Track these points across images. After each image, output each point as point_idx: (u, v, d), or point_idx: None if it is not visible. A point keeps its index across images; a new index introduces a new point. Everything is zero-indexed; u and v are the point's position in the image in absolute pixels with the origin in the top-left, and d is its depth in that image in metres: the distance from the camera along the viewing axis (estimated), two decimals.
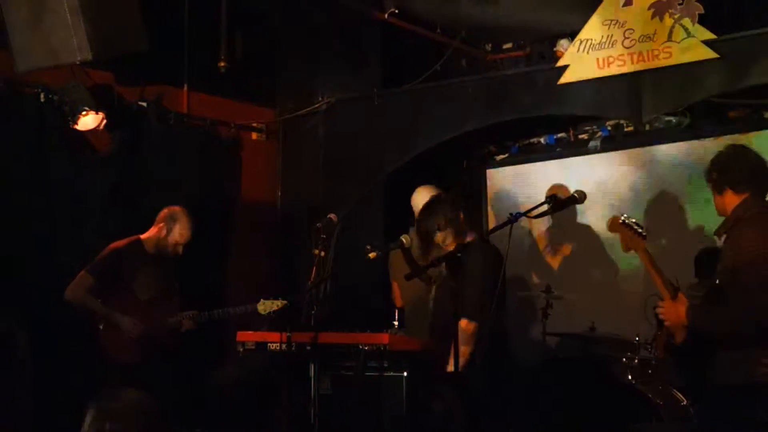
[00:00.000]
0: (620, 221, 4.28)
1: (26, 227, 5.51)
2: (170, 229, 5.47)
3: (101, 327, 5.33)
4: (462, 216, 4.84)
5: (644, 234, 4.64)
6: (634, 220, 4.46)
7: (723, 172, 4.13)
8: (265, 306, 5.33)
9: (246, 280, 6.60)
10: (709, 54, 5.36)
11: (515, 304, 6.24)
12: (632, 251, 4.26)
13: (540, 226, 7.14)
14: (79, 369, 5.39)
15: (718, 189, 4.17)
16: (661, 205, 6.75)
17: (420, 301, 5.23)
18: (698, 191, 6.60)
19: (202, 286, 6.09)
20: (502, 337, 4.79)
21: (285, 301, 5.33)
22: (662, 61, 5.50)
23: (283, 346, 4.69)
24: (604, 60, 5.70)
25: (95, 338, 5.34)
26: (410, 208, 6.01)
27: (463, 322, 4.43)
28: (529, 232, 7.21)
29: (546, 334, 6.08)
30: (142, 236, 5.51)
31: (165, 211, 5.53)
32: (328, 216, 5.22)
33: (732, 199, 4.15)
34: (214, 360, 5.26)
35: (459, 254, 4.21)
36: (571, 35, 6.01)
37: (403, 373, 4.85)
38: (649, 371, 5.42)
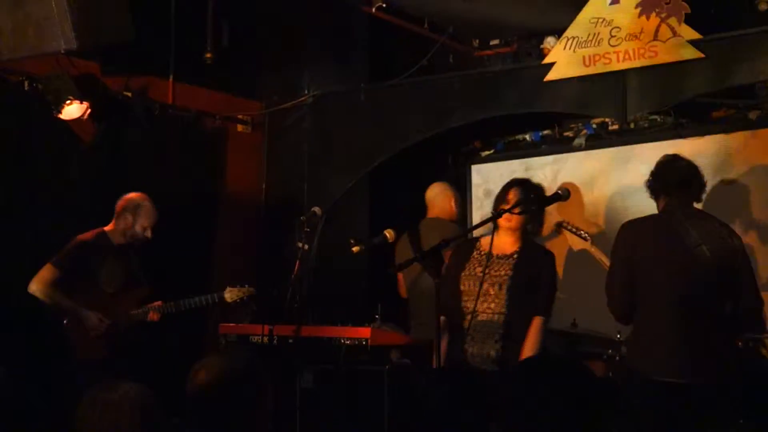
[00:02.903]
0: (561, 225, 4.58)
1: (9, 217, 5.48)
2: (136, 216, 5.42)
3: (65, 322, 5.25)
4: None
5: (587, 238, 4.86)
6: (574, 228, 4.74)
7: (655, 179, 4.43)
8: (231, 293, 5.32)
9: (230, 273, 6.57)
10: (695, 54, 5.38)
11: None
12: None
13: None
14: (65, 362, 5.35)
15: (654, 196, 4.48)
16: (645, 203, 6.77)
17: (427, 292, 5.09)
18: None
19: (185, 278, 6.07)
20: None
21: (251, 288, 5.32)
22: (648, 60, 5.51)
23: (266, 339, 4.68)
24: (590, 58, 5.71)
25: (60, 333, 5.25)
26: (397, 202, 6.03)
27: None
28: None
29: None
30: (106, 228, 5.44)
31: (124, 201, 5.45)
32: (313, 209, 5.22)
33: (661, 205, 4.45)
34: (194, 352, 5.24)
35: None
36: (558, 32, 6.02)
37: (384, 367, 4.86)
38: None
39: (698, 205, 4.52)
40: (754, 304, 4.29)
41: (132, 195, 5.47)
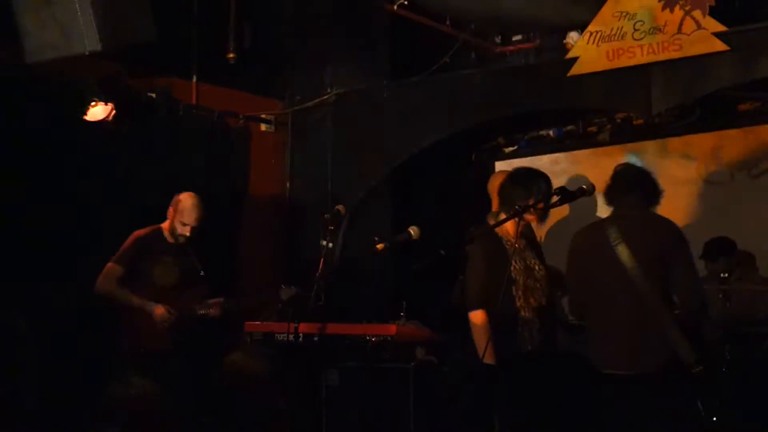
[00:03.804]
0: None
1: (35, 217, 5.52)
2: (176, 213, 5.49)
3: (130, 314, 5.34)
4: None
5: None
6: None
7: (607, 188, 4.61)
8: (285, 292, 5.35)
9: (254, 271, 6.61)
10: (720, 46, 5.33)
11: None
12: None
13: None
14: (87, 354, 5.39)
15: (608, 203, 4.68)
16: (670, 199, 6.73)
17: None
18: (707, 184, 6.60)
19: (210, 276, 6.08)
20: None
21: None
22: (672, 54, 5.47)
23: (291, 337, 4.69)
24: (613, 52, 5.67)
25: (121, 327, 5.35)
26: (421, 200, 6.00)
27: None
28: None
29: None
30: (163, 225, 5.55)
31: (174, 198, 5.57)
32: (336, 207, 5.23)
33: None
34: (223, 350, 5.26)
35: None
36: (581, 27, 5.99)
37: (410, 364, 4.86)
38: None
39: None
40: (691, 297, 4.50)
41: (181, 193, 5.55)
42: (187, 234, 5.49)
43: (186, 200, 5.52)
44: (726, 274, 5.96)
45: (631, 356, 4.38)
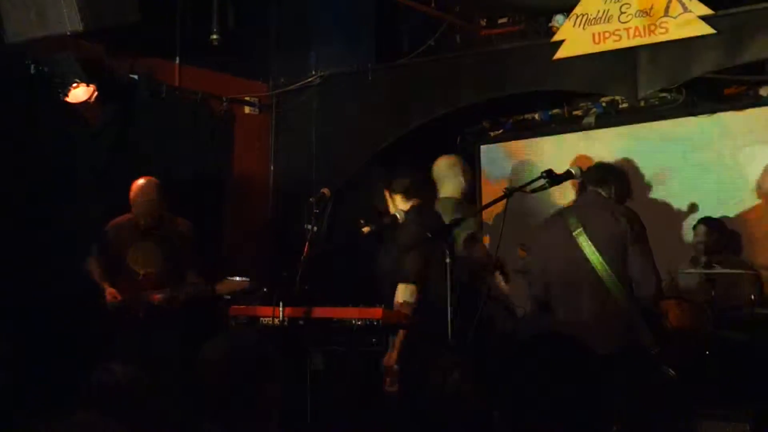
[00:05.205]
0: None
1: (17, 201, 5.47)
2: (131, 202, 5.48)
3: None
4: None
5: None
6: None
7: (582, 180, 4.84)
8: (222, 287, 5.36)
9: (239, 255, 6.57)
10: (706, 29, 5.32)
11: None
12: None
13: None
14: (68, 340, 5.35)
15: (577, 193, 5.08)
16: (655, 182, 6.74)
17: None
18: (692, 168, 6.60)
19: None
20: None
21: (245, 280, 5.42)
22: (658, 37, 5.46)
23: (276, 320, 4.67)
24: (599, 35, 5.66)
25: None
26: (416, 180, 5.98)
27: None
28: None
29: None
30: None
31: None
32: (321, 191, 5.19)
33: None
34: (206, 334, 5.23)
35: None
36: (567, 10, 5.96)
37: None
38: None
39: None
40: (647, 282, 4.69)
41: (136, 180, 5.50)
42: (148, 220, 5.43)
43: (132, 188, 5.48)
44: (708, 259, 6.02)
45: (593, 340, 4.45)
